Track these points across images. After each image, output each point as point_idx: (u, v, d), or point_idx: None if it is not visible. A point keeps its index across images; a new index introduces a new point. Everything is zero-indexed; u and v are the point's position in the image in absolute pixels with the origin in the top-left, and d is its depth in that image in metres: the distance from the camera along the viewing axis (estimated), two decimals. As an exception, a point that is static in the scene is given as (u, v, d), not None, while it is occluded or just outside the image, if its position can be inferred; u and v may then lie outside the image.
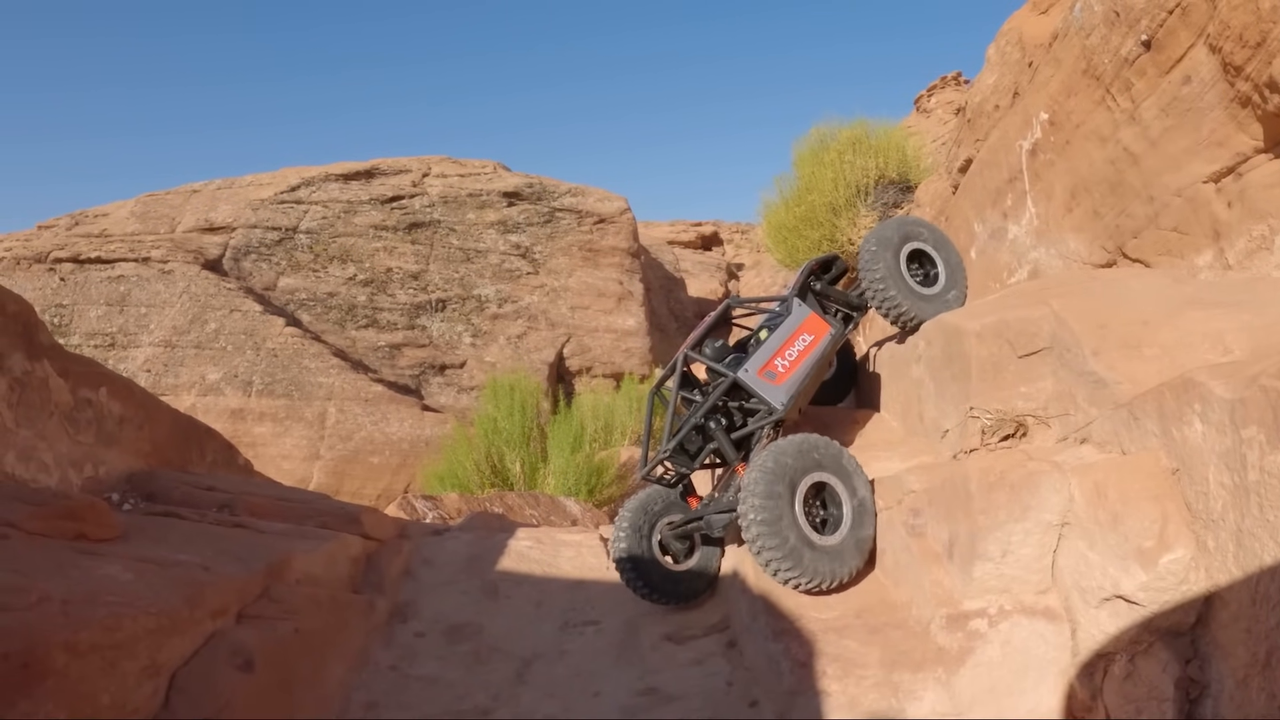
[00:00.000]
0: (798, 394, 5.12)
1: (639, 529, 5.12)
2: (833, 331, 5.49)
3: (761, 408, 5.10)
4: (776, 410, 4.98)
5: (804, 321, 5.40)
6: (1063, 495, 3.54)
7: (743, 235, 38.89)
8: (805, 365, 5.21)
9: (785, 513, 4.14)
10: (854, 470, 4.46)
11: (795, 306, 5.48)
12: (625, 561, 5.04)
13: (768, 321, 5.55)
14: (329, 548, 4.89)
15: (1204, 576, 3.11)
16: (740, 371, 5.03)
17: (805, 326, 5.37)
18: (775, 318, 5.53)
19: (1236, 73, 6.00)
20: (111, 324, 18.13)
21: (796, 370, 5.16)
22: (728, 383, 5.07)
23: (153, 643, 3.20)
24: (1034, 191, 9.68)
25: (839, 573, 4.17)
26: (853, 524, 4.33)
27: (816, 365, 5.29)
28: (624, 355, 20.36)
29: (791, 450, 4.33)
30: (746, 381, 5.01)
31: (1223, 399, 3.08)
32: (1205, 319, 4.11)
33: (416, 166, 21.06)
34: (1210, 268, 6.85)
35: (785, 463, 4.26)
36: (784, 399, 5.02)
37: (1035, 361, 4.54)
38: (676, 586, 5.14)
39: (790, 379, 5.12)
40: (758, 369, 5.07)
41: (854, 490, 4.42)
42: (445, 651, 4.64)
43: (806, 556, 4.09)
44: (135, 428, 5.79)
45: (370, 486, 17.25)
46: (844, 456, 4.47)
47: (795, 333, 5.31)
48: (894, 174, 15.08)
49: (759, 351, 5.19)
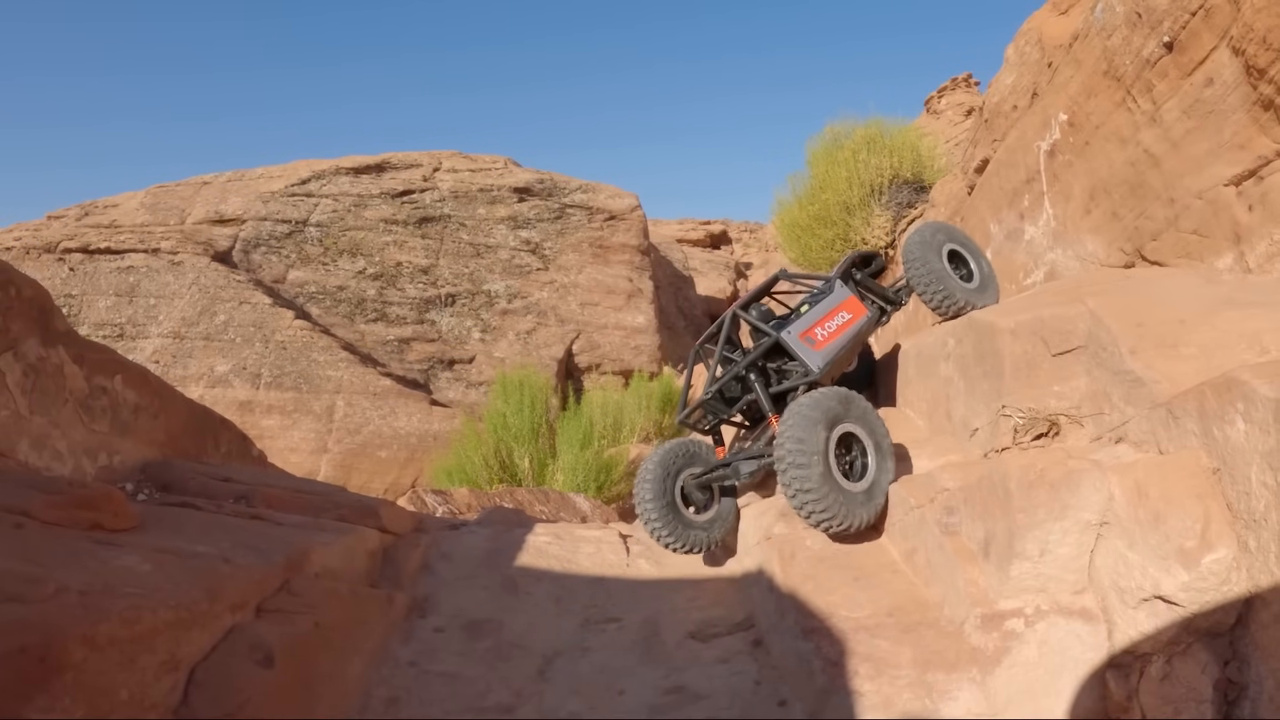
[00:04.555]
0: (832, 362, 5.45)
1: (664, 476, 5.51)
2: (869, 315, 5.85)
3: (798, 369, 5.46)
4: (813, 372, 5.31)
5: (844, 301, 5.78)
6: (1103, 494, 3.49)
7: (751, 234, 38.92)
8: (842, 339, 5.57)
9: (819, 455, 4.41)
10: (879, 426, 4.82)
11: (838, 286, 5.88)
12: (648, 505, 5.42)
13: (809, 298, 5.90)
14: (347, 541, 4.82)
15: (1245, 577, 3.07)
16: (784, 332, 5.39)
17: (845, 305, 5.75)
18: (818, 295, 5.89)
19: (1260, 75, 5.94)
20: (120, 315, 18.10)
21: (834, 341, 5.52)
22: (770, 341, 5.44)
23: (172, 636, 3.13)
24: (1052, 193, 9.62)
25: (860, 518, 4.51)
26: (876, 475, 4.67)
27: (851, 341, 5.66)
28: (633, 352, 20.32)
29: (828, 399, 4.61)
30: (789, 342, 5.36)
31: (1267, 398, 3.04)
32: (1242, 319, 4.07)
33: (427, 161, 21.03)
34: (1230, 271, 6.79)
35: (823, 409, 4.55)
36: (820, 363, 5.35)
37: (1069, 360, 4.49)
38: (692, 534, 5.53)
39: (828, 347, 5.46)
40: (799, 333, 5.42)
41: (879, 444, 4.76)
42: (465, 648, 4.57)
43: (834, 498, 4.38)
44: (150, 417, 5.74)
45: (377, 480, 17.22)
46: (871, 412, 4.79)
47: (836, 309, 5.70)
48: (908, 174, 15.05)
49: (801, 319, 5.57)
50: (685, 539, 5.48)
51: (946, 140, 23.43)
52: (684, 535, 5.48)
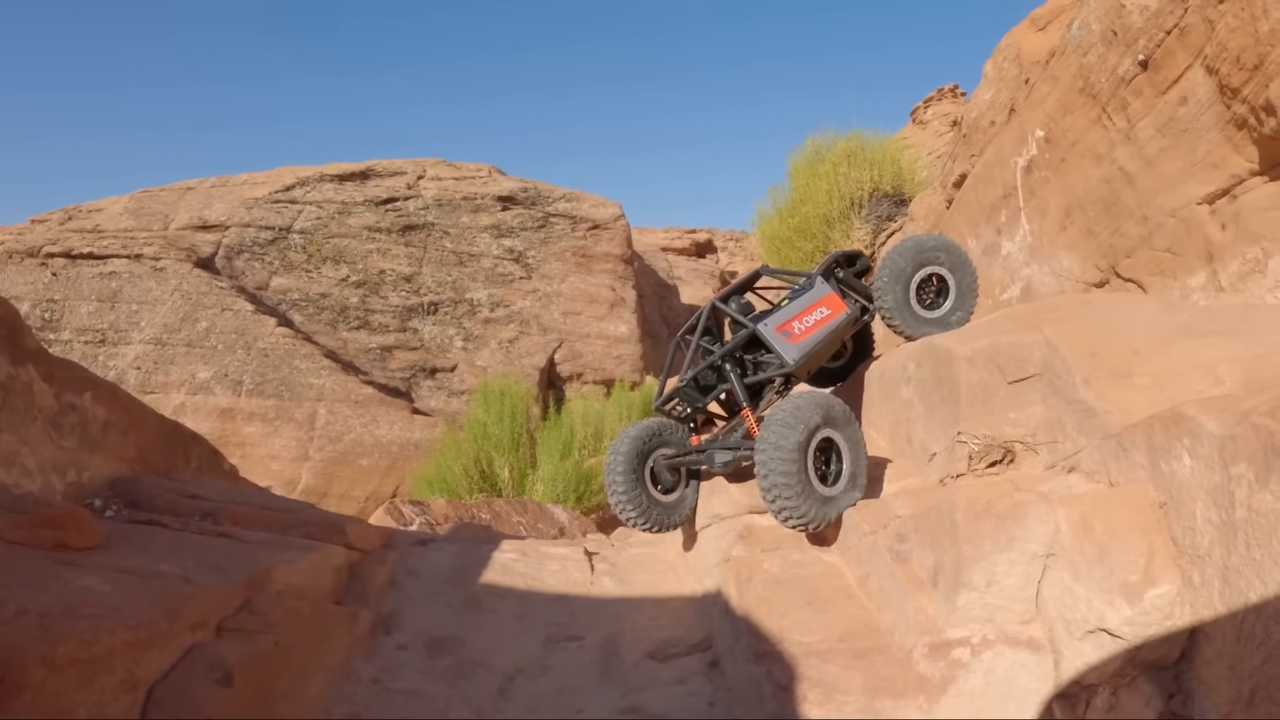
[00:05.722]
0: (809, 355, 5.51)
1: (636, 454, 5.61)
2: (848, 312, 5.88)
3: (774, 361, 5.55)
4: (788, 364, 5.39)
5: (824, 297, 5.83)
6: (1049, 526, 3.52)
7: (736, 243, 39.01)
8: (819, 333, 5.62)
9: (798, 461, 4.51)
10: (856, 433, 4.90)
11: (819, 282, 5.94)
12: (618, 480, 5.53)
13: (790, 293, 6.01)
14: (312, 558, 4.86)
15: (1189, 612, 3.10)
16: (760, 324, 5.47)
17: (824, 301, 5.80)
18: (798, 290, 5.98)
19: (1233, 95, 6.01)
20: (103, 320, 18.06)
21: (811, 335, 5.57)
22: (748, 333, 5.53)
23: (131, 656, 3.19)
24: (1028, 208, 9.70)
25: (827, 516, 4.62)
26: (849, 481, 4.78)
27: (829, 336, 5.70)
28: (615, 362, 20.35)
29: (811, 405, 4.68)
30: (765, 334, 5.44)
31: (1213, 434, 3.07)
32: (1197, 349, 4.08)
33: (412, 169, 21.03)
34: (1203, 289, 6.86)
35: (806, 415, 4.62)
36: (796, 355, 5.41)
37: (1025, 388, 4.53)
38: (656, 513, 5.66)
39: (804, 341, 5.52)
40: (776, 325, 5.49)
41: (855, 451, 4.85)
42: (428, 665, 4.62)
43: (808, 503, 4.52)
44: (120, 433, 5.77)
45: (359, 489, 17.22)
46: (851, 419, 4.88)
47: (815, 304, 5.75)
48: (888, 187, 15.15)
49: (779, 312, 5.67)
50: (649, 517, 5.61)
51: (930, 152, 23.53)
52: (648, 513, 5.61)
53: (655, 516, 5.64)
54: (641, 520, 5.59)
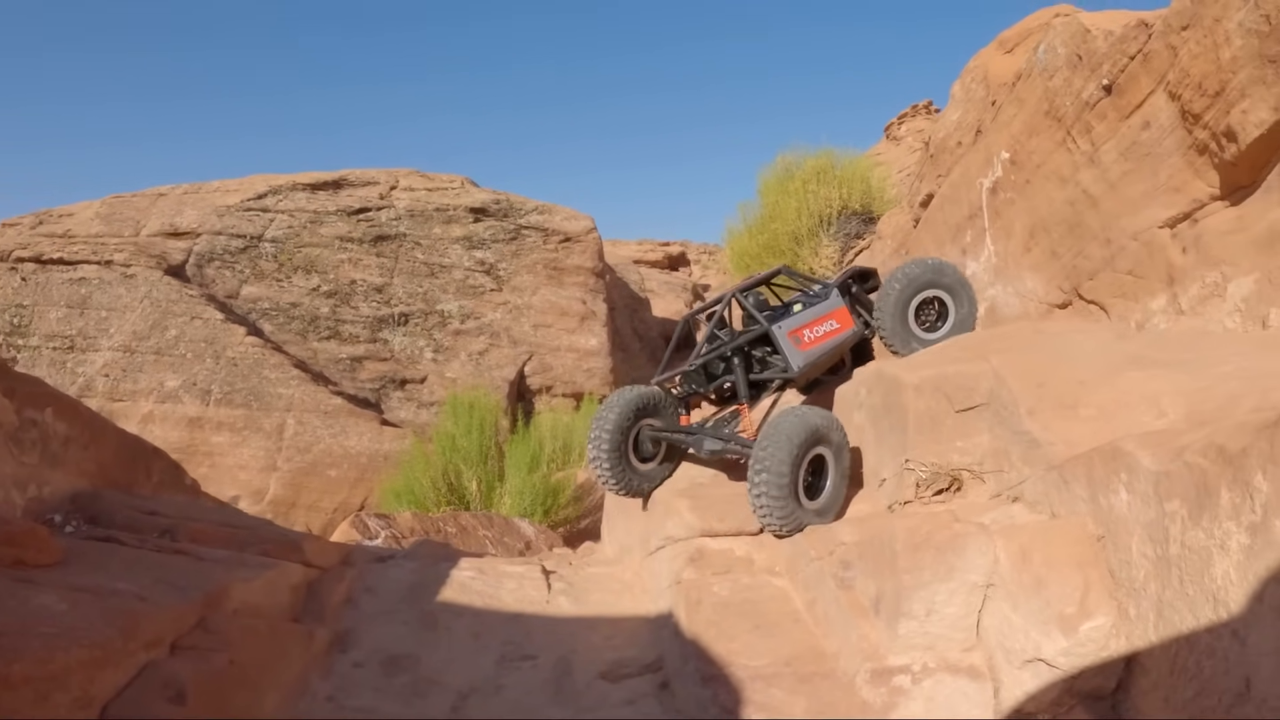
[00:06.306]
0: (812, 365, 5.77)
1: (623, 419, 5.80)
2: (854, 329, 6.11)
3: (779, 364, 5.76)
4: (792, 370, 5.63)
5: (836, 310, 6.04)
6: (988, 557, 3.60)
7: (710, 256, 39.05)
8: (826, 345, 5.86)
9: (789, 474, 4.69)
10: (845, 455, 5.10)
11: (833, 295, 6.14)
12: (602, 442, 5.75)
13: (805, 299, 6.22)
14: (269, 576, 4.89)
15: (1125, 644, 3.18)
16: (775, 325, 5.67)
17: (836, 315, 6.02)
18: (814, 297, 6.19)
19: (1195, 120, 6.12)
20: (71, 326, 17.94)
21: (818, 346, 5.80)
22: (760, 331, 5.74)
23: (85, 675, 3.22)
24: (993, 229, 9.79)
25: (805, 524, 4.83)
26: (831, 498, 5.00)
27: (834, 349, 5.95)
28: (585, 375, 20.36)
29: (812, 423, 4.85)
30: (777, 336, 5.65)
31: (1149, 470, 3.14)
32: (1144, 380, 4.16)
33: (385, 179, 21.00)
34: (1164, 312, 6.95)
35: (805, 433, 4.80)
36: (801, 362, 5.64)
37: (972, 417, 4.60)
38: (631, 480, 5.93)
39: (811, 350, 5.74)
40: (788, 330, 5.70)
41: (842, 471, 5.06)
42: (383, 683, 4.65)
43: (794, 515, 4.78)
44: (81, 448, 5.78)
45: (327, 500, 17.17)
46: (844, 440, 5.07)
47: (827, 315, 5.97)
48: (857, 205, 15.23)
49: (794, 317, 5.85)
50: (622, 481, 5.85)
51: (902, 169, 23.66)
52: (622, 478, 5.84)
53: (628, 481, 5.86)
54: (614, 483, 5.82)
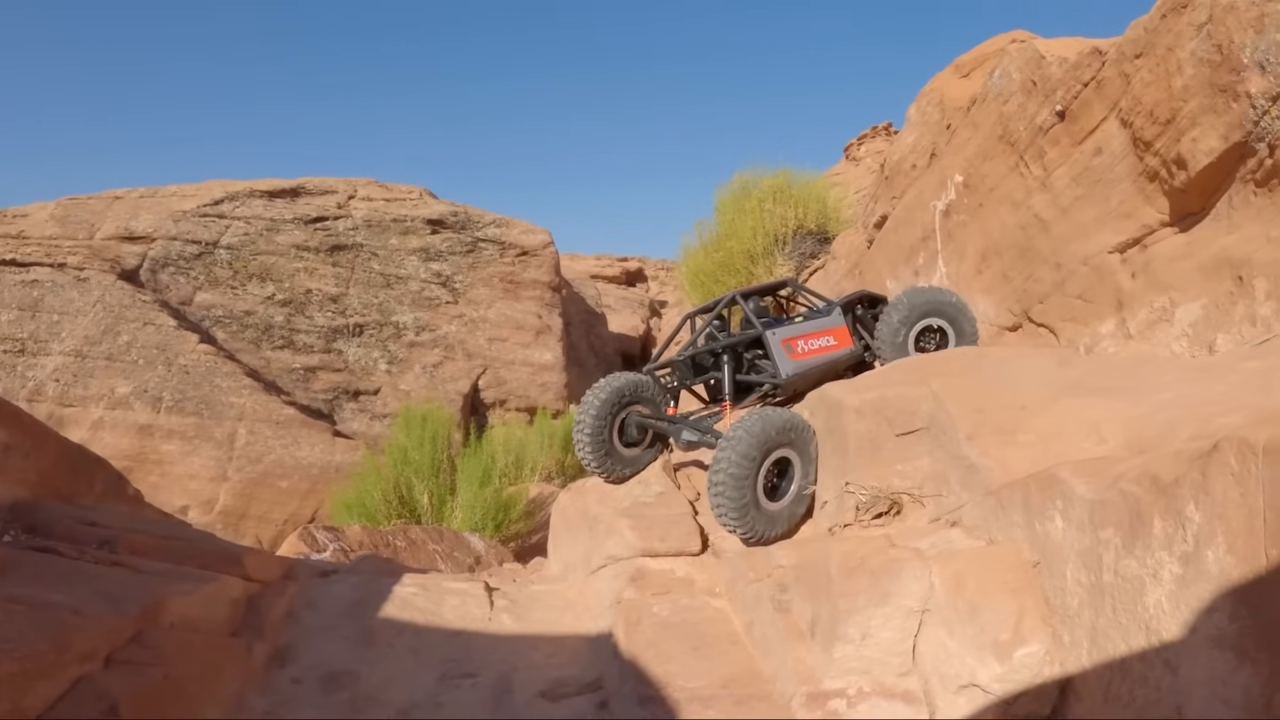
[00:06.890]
0: (801, 375, 5.83)
1: (612, 403, 5.89)
2: (852, 349, 6.23)
3: (769, 369, 5.89)
4: (780, 378, 5.74)
5: (835, 327, 6.17)
6: (923, 583, 3.63)
7: (668, 272, 39.15)
8: (818, 359, 5.97)
9: (750, 474, 4.73)
10: (813, 457, 5.11)
11: (836, 313, 6.27)
12: (586, 422, 5.86)
13: (808, 313, 6.36)
14: (207, 590, 4.85)
15: (1059, 670, 3.21)
16: (769, 331, 5.80)
17: (834, 331, 6.14)
18: (816, 312, 6.33)
19: (1146, 148, 6.24)
20: (23, 329, 17.72)
21: (810, 358, 5.91)
22: (755, 334, 5.85)
23: (16, 688, 3.19)
24: (946, 251, 9.92)
25: (768, 533, 4.89)
26: (794, 500, 5.03)
27: (826, 365, 6.04)
28: (539, 389, 20.38)
29: (777, 424, 4.89)
30: (770, 342, 5.76)
31: (1084, 498, 3.18)
32: (1083, 407, 4.18)
33: (343, 188, 20.93)
34: (1112, 336, 7.07)
35: (769, 433, 4.83)
36: (790, 370, 5.75)
37: (913, 440, 4.64)
38: (611, 464, 6.04)
39: (802, 361, 5.85)
40: (783, 338, 5.82)
41: (806, 472, 5.07)
42: (322, 700, 4.63)
43: (750, 515, 4.79)
44: (21, 456, 5.71)
45: (278, 511, 17.06)
46: (812, 443, 5.10)
47: (824, 331, 6.08)
48: (813, 225, 15.38)
49: (790, 326, 5.99)
50: (604, 465, 5.97)
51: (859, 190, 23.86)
52: (604, 461, 5.95)
53: (609, 466, 5.98)
54: (596, 465, 5.95)
